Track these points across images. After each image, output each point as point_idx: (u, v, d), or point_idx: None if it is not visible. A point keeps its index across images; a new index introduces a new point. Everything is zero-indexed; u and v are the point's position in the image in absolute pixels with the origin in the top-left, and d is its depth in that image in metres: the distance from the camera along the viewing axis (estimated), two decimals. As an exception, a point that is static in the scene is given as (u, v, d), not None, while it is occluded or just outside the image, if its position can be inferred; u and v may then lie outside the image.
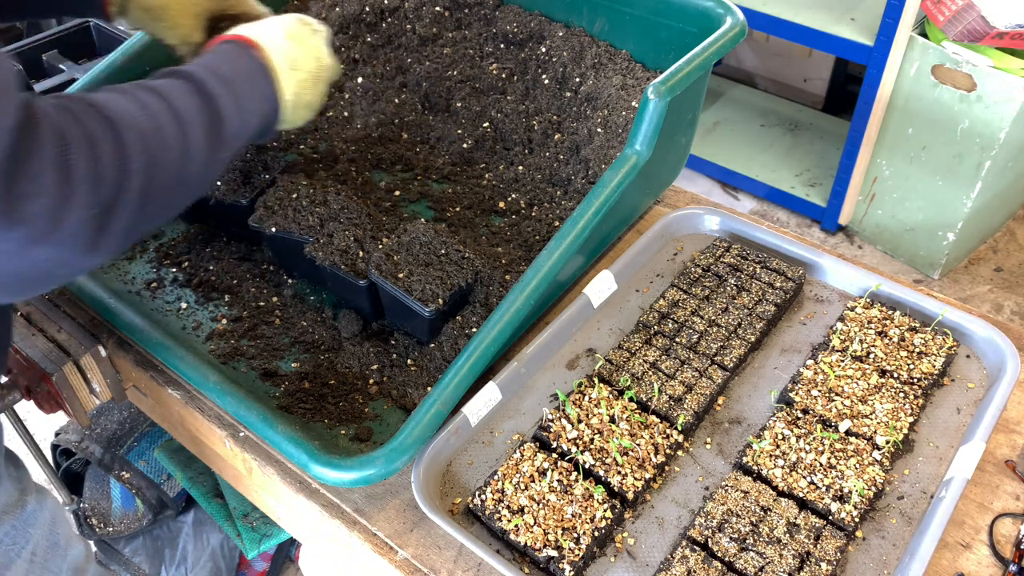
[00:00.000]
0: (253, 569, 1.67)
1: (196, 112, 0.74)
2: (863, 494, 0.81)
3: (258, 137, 0.86)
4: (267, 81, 0.84)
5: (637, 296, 1.06)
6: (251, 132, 0.82)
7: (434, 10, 1.32)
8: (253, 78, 0.83)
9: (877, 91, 2.23)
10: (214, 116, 0.75)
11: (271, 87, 0.84)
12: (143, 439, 1.55)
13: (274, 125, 0.87)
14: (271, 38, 0.87)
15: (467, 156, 1.21)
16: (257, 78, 0.84)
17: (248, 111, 0.80)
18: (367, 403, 0.93)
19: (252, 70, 0.83)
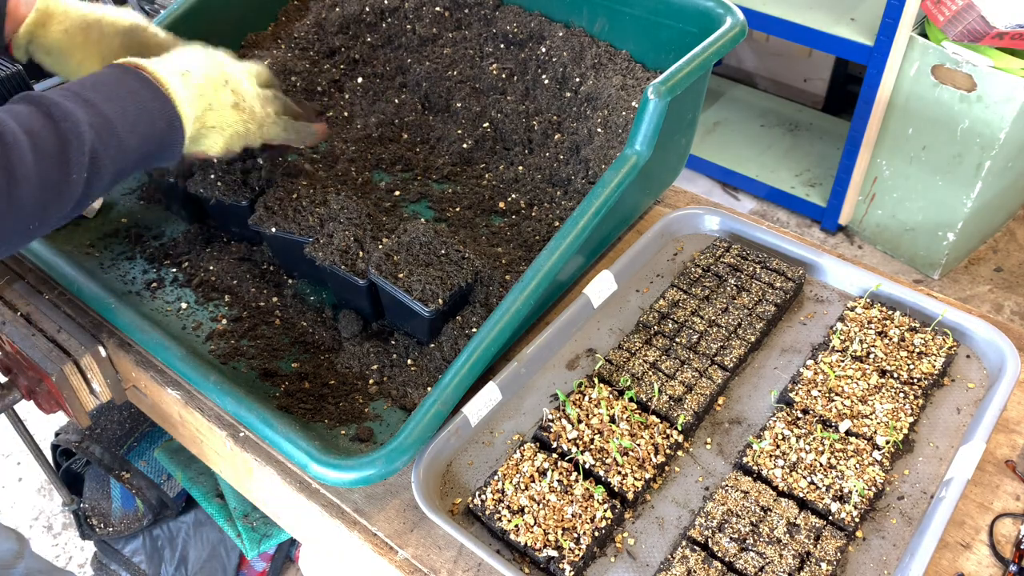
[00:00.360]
0: (253, 569, 1.67)
1: (33, 135, 0.70)
2: (863, 494, 0.81)
3: (156, 160, 0.82)
4: (155, 98, 0.80)
5: (637, 296, 1.06)
6: (134, 154, 0.78)
7: (434, 10, 1.32)
8: (135, 96, 0.79)
9: (877, 91, 2.23)
10: (60, 138, 0.71)
11: (161, 104, 0.81)
12: (143, 439, 1.55)
13: (175, 146, 0.83)
14: (162, 59, 0.85)
15: (467, 156, 1.21)
16: (141, 96, 0.80)
17: (124, 132, 0.77)
18: (367, 403, 0.93)
19: (133, 88, 0.80)
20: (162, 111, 0.81)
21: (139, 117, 0.79)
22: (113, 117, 0.76)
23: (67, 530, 1.98)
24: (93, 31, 0.94)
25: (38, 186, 0.70)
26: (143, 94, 0.80)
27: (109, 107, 0.76)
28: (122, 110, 0.77)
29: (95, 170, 0.74)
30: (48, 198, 0.71)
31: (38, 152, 0.69)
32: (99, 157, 0.74)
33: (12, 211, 0.69)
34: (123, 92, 0.78)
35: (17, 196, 0.68)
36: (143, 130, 0.79)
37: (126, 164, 0.78)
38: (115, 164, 0.77)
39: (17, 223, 0.70)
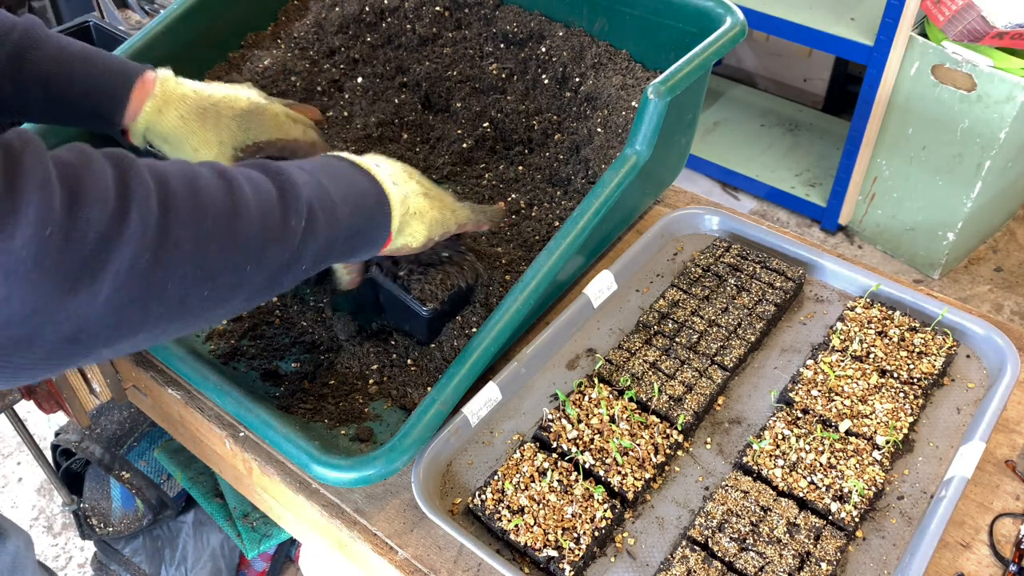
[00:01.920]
0: (253, 569, 1.67)
1: (252, 179, 0.67)
2: (863, 494, 0.81)
3: (364, 241, 0.79)
4: (363, 175, 0.79)
5: (637, 296, 1.06)
6: (345, 225, 0.75)
7: (434, 10, 1.32)
8: (344, 173, 0.78)
9: (877, 91, 2.23)
10: (278, 186, 0.69)
11: (369, 181, 0.79)
12: (143, 439, 1.55)
13: (383, 227, 0.81)
14: (363, 157, 0.84)
15: (467, 156, 1.21)
16: (349, 173, 0.79)
17: (338, 199, 0.74)
18: (367, 403, 0.93)
19: (341, 167, 0.78)
20: (371, 188, 0.79)
21: (350, 190, 0.77)
22: (326, 184, 0.74)
23: (67, 530, 1.98)
24: (210, 116, 0.92)
25: (259, 221, 0.65)
26: (351, 172, 0.79)
27: (322, 176, 0.74)
28: (333, 180, 0.75)
29: (311, 221, 0.70)
30: (267, 237, 0.67)
31: (258, 192, 0.66)
32: (315, 211, 0.71)
33: (232, 240, 0.63)
34: (331, 169, 0.77)
35: (238, 226, 0.64)
36: (355, 202, 0.77)
37: (338, 234, 0.74)
38: (328, 228, 0.73)
39: (235, 255, 0.64)
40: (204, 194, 0.62)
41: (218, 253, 0.62)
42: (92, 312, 0.54)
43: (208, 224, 0.61)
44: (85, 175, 0.54)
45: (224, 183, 0.64)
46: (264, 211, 0.66)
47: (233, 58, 1.33)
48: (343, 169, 0.79)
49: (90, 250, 0.52)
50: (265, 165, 0.71)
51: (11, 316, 0.50)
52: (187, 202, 0.60)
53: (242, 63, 1.33)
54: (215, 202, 0.62)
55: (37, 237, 0.49)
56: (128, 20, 1.95)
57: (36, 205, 0.50)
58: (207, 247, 0.61)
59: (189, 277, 0.59)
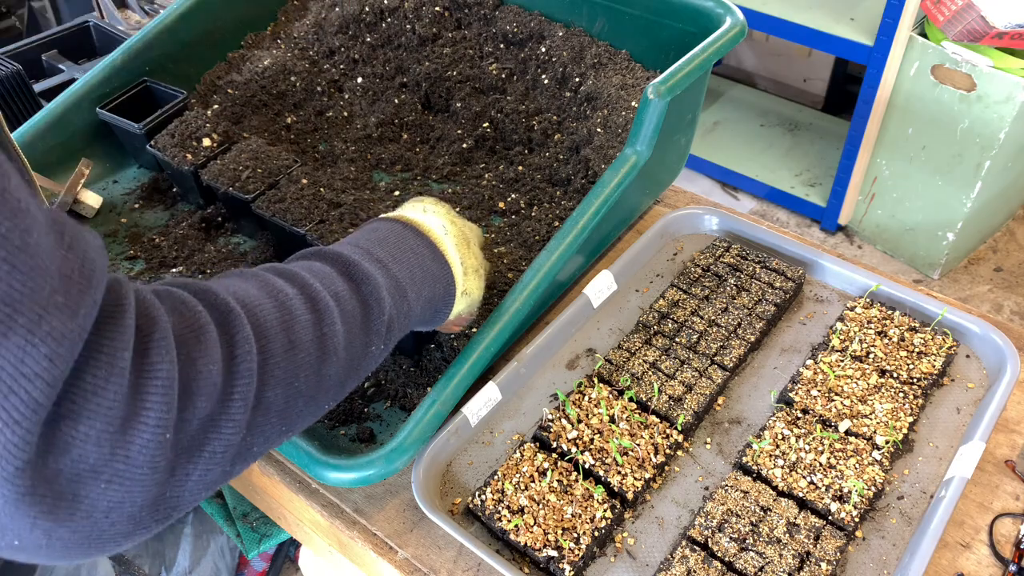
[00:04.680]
0: (253, 569, 1.67)
1: (340, 300, 0.62)
2: (863, 494, 0.81)
3: (421, 327, 0.76)
4: (435, 258, 0.74)
5: (637, 296, 1.06)
6: (414, 320, 0.71)
7: (434, 10, 1.32)
8: (418, 257, 0.73)
9: (877, 91, 2.23)
10: (363, 305, 0.64)
11: (440, 265, 0.74)
12: (143, 439, 1.55)
13: (446, 311, 0.77)
14: (423, 213, 0.78)
15: (467, 156, 1.21)
16: (423, 256, 0.73)
17: (413, 296, 0.70)
18: (367, 403, 0.93)
19: (415, 247, 0.73)
20: (441, 273, 0.75)
21: (424, 280, 0.72)
22: (403, 280, 0.69)
23: (67, 530, 1.98)
24: None
25: (345, 360, 0.61)
26: (424, 254, 0.73)
27: (398, 269, 0.70)
28: (410, 272, 0.71)
29: (388, 340, 0.67)
30: (350, 373, 0.63)
31: (347, 321, 0.61)
32: (393, 326, 0.67)
33: (320, 389, 0.59)
34: (407, 251, 0.72)
35: (326, 373, 0.59)
36: (427, 294, 0.72)
37: (405, 331, 0.71)
38: (401, 331, 0.69)
39: (317, 401, 0.60)
40: (299, 345, 0.56)
41: (304, 406, 0.58)
42: (182, 491, 0.49)
43: (299, 383, 0.56)
44: (198, 357, 0.49)
45: (315, 317, 0.59)
46: (350, 342, 0.62)
47: (233, 58, 1.33)
48: (414, 246, 0.73)
49: (191, 437, 0.48)
50: (341, 260, 0.65)
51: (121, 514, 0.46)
52: (283, 362, 0.55)
53: (242, 63, 1.33)
54: (308, 353, 0.57)
55: (154, 442, 0.45)
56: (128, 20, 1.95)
57: (157, 410, 0.45)
58: (294, 404, 0.57)
59: (273, 434, 0.56)
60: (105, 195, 1.18)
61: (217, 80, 1.29)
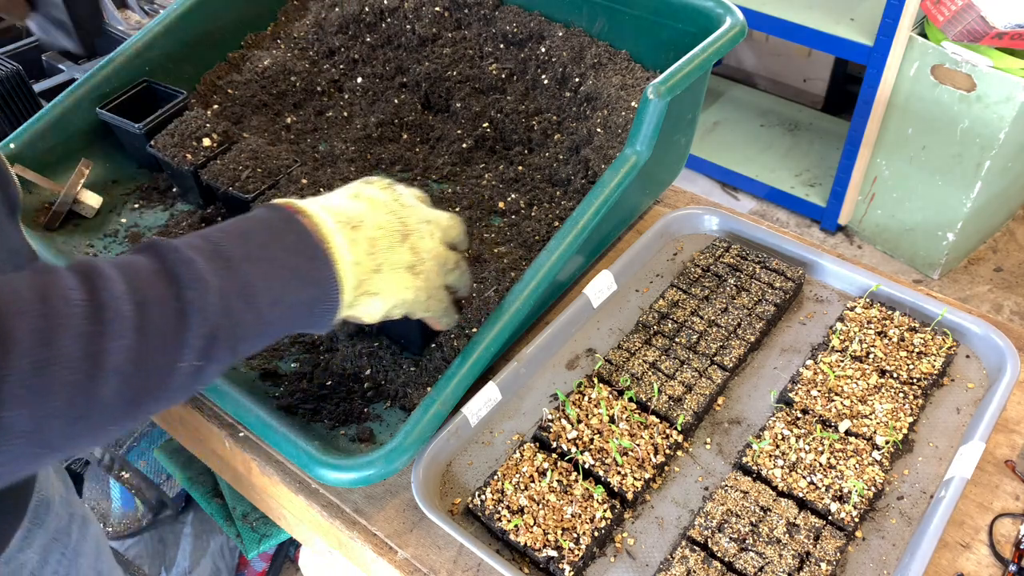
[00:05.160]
0: (253, 569, 1.67)
1: (144, 308, 0.54)
2: (863, 494, 0.81)
3: (295, 330, 0.66)
4: (312, 260, 0.64)
5: (637, 296, 1.06)
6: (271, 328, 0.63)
7: (434, 10, 1.32)
8: (289, 255, 0.63)
9: (877, 91, 2.23)
10: (178, 314, 0.55)
11: (318, 267, 0.64)
12: (143, 439, 1.55)
13: (324, 317, 0.67)
14: (330, 202, 0.70)
15: (467, 156, 1.21)
16: (296, 255, 0.64)
17: (265, 302, 0.61)
18: (367, 404, 0.93)
19: (288, 244, 0.64)
20: (318, 277, 0.65)
21: (287, 284, 0.63)
22: (255, 281, 0.60)
23: (67, 530, 1.98)
24: None
25: (136, 378, 0.53)
26: (299, 253, 0.64)
27: (252, 268, 0.61)
28: (266, 273, 0.61)
29: (211, 354, 0.58)
30: (144, 393, 0.55)
31: (145, 334, 0.53)
32: (218, 337, 0.58)
33: (93, 410, 0.52)
34: (275, 248, 0.63)
35: (101, 393, 0.52)
36: (290, 299, 0.63)
37: (259, 340, 0.63)
38: (242, 342, 0.61)
39: (91, 423, 0.53)
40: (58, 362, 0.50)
41: (68, 427, 0.51)
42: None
43: (56, 403, 0.50)
44: None
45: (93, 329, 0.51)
46: (143, 357, 0.53)
47: (233, 58, 1.33)
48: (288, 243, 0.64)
49: None
50: (170, 258, 0.57)
51: None
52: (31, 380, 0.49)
53: (242, 63, 1.33)
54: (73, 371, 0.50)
55: None
56: (128, 20, 1.95)
57: None
58: (50, 426, 0.50)
59: (24, 457, 0.50)
60: (105, 195, 1.18)
61: (217, 80, 1.29)
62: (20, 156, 1.13)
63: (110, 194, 1.20)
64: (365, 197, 0.72)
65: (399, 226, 0.72)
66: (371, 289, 0.69)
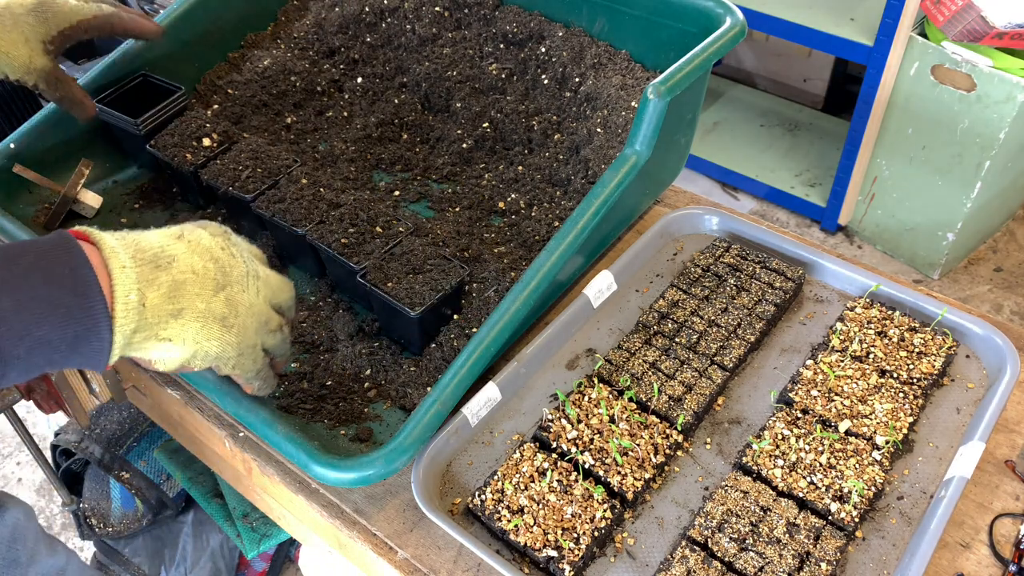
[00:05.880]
0: (253, 569, 1.67)
1: None
2: (863, 494, 0.81)
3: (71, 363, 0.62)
4: (79, 289, 0.59)
5: (637, 296, 1.06)
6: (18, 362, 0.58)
7: (434, 10, 1.32)
8: (49, 281, 0.59)
9: (877, 91, 2.23)
10: None
11: (83, 301, 0.59)
12: (143, 439, 1.55)
13: (94, 357, 0.62)
14: (141, 236, 0.66)
15: (467, 156, 1.21)
16: (58, 283, 0.59)
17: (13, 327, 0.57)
18: (367, 404, 0.93)
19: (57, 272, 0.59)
20: (82, 314, 0.60)
21: (42, 319, 0.58)
22: (3, 310, 0.57)
23: (67, 530, 1.98)
24: (6, 19, 0.88)
25: None
26: (63, 286, 0.59)
27: (2, 297, 0.57)
28: (18, 303, 0.57)
29: None
30: None
31: None
32: None
33: None
34: (38, 277, 0.59)
35: None
36: (44, 334, 0.58)
37: (10, 373, 0.59)
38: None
39: None
40: None
41: None
42: None
43: None
44: None
45: None
46: None
47: (233, 58, 1.33)
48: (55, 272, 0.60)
49: None
50: None
51: None
52: None
53: (242, 63, 1.33)
54: None
55: None
56: (128, 20, 1.94)
57: None
58: None
59: None
60: (105, 195, 1.18)
61: (217, 80, 1.29)
62: (20, 156, 1.13)
63: (110, 194, 1.20)
64: (188, 239, 0.69)
65: (217, 274, 0.69)
66: (163, 334, 0.66)
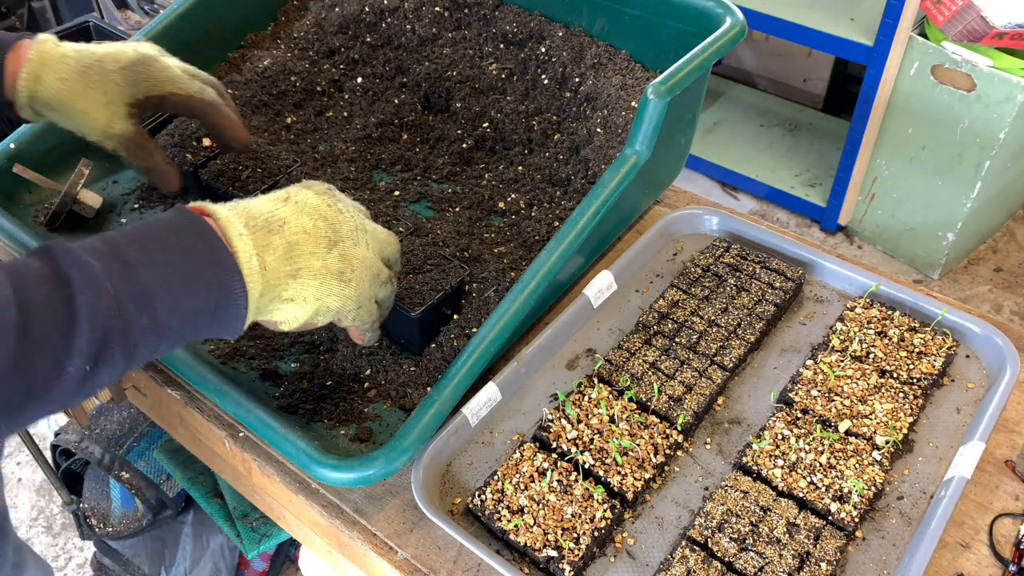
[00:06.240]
0: (253, 569, 1.67)
1: (26, 309, 0.52)
2: (863, 494, 0.81)
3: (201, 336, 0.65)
4: (214, 263, 0.62)
5: (637, 296, 1.06)
6: (171, 335, 0.61)
7: (434, 10, 1.32)
8: (188, 258, 0.61)
9: (877, 91, 2.23)
10: (66, 317, 0.54)
11: (221, 272, 0.62)
12: (143, 439, 1.55)
13: (231, 324, 0.65)
14: (249, 205, 0.68)
15: (467, 156, 1.21)
16: (196, 259, 0.62)
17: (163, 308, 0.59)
18: (367, 404, 0.93)
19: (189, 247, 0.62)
20: (221, 282, 0.63)
21: (188, 289, 0.61)
22: (152, 286, 0.59)
23: (66, 530, 1.98)
24: (93, 74, 0.83)
25: (16, 380, 0.52)
26: (201, 257, 0.62)
27: (151, 273, 0.59)
28: (165, 277, 0.60)
29: (103, 358, 0.57)
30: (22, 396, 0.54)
31: (26, 336, 0.52)
32: (111, 345, 0.57)
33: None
34: (177, 252, 0.62)
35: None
36: (191, 304, 0.62)
37: (160, 345, 0.62)
38: (141, 349, 0.60)
39: None
40: None
41: None
42: None
43: None
44: None
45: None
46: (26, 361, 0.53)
47: (233, 58, 1.33)
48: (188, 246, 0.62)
49: None
50: (63, 261, 0.56)
51: None
52: None
53: (242, 63, 1.33)
54: None
55: None
56: (128, 20, 1.95)
57: None
58: None
59: None
60: (105, 195, 1.18)
61: (217, 79, 1.29)
62: (20, 156, 1.13)
63: (110, 194, 1.20)
64: (295, 201, 0.71)
65: (328, 232, 0.71)
66: (285, 295, 0.68)
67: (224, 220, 0.66)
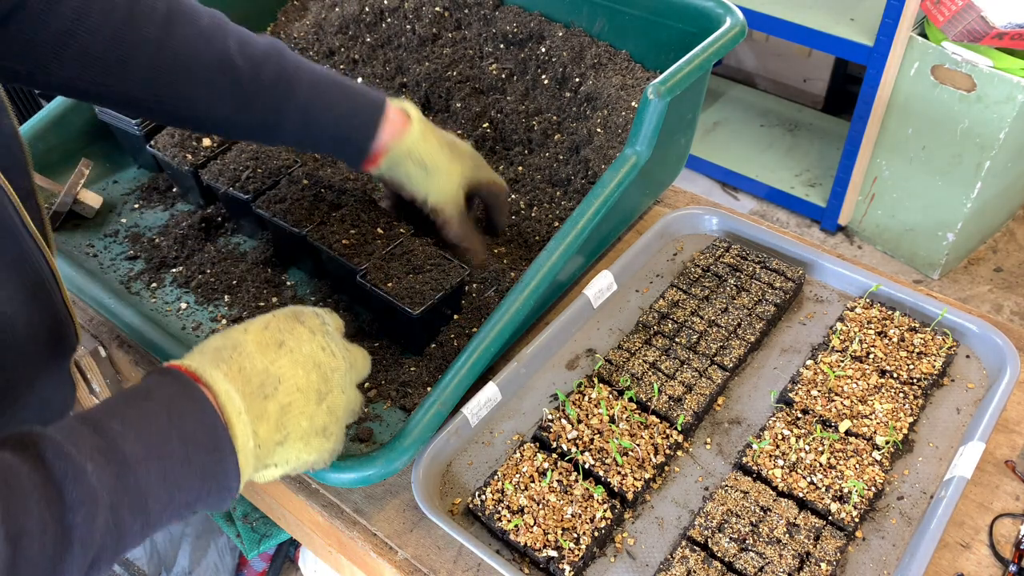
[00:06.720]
0: (253, 569, 1.67)
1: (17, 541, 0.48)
2: (863, 494, 0.81)
3: (191, 514, 0.60)
4: (214, 448, 0.59)
5: (637, 296, 1.06)
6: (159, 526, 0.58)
7: (434, 10, 1.32)
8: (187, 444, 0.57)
9: (877, 91, 2.23)
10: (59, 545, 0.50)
11: (218, 457, 0.59)
12: (143, 439, 1.55)
13: (219, 505, 0.61)
14: (243, 368, 0.64)
15: (467, 156, 1.21)
16: (196, 442, 0.58)
17: (156, 507, 0.56)
18: (367, 404, 0.93)
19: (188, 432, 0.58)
20: (217, 470, 0.60)
21: (183, 482, 0.57)
22: (150, 487, 0.55)
23: (67, 530, 1.98)
24: (455, 150, 0.97)
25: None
26: (199, 441, 0.58)
27: (149, 472, 0.55)
28: (164, 473, 0.56)
29: (92, 571, 0.54)
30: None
31: (15, 568, 0.48)
32: (103, 559, 0.54)
33: None
34: (175, 438, 0.57)
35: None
36: (185, 496, 0.58)
37: (144, 538, 0.58)
38: (128, 548, 0.57)
39: None
40: None
41: None
42: None
43: None
44: None
45: None
46: None
47: (233, 58, 1.33)
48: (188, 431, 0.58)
49: None
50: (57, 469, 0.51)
51: None
52: None
53: (242, 63, 1.32)
54: None
55: None
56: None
57: None
58: None
59: None
60: (105, 195, 1.18)
61: (217, 80, 1.29)
62: (20, 156, 1.13)
63: (110, 194, 1.20)
64: (289, 348, 0.66)
65: (320, 384, 0.67)
66: (269, 462, 0.65)
67: (223, 396, 0.61)
